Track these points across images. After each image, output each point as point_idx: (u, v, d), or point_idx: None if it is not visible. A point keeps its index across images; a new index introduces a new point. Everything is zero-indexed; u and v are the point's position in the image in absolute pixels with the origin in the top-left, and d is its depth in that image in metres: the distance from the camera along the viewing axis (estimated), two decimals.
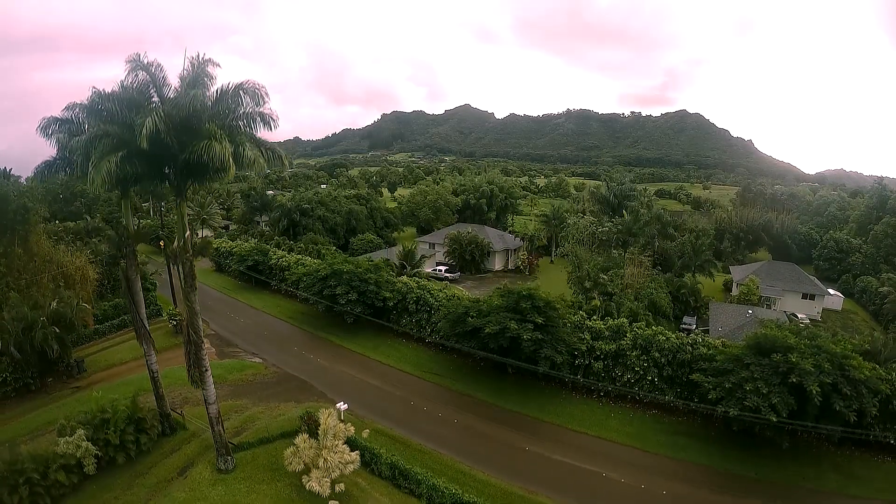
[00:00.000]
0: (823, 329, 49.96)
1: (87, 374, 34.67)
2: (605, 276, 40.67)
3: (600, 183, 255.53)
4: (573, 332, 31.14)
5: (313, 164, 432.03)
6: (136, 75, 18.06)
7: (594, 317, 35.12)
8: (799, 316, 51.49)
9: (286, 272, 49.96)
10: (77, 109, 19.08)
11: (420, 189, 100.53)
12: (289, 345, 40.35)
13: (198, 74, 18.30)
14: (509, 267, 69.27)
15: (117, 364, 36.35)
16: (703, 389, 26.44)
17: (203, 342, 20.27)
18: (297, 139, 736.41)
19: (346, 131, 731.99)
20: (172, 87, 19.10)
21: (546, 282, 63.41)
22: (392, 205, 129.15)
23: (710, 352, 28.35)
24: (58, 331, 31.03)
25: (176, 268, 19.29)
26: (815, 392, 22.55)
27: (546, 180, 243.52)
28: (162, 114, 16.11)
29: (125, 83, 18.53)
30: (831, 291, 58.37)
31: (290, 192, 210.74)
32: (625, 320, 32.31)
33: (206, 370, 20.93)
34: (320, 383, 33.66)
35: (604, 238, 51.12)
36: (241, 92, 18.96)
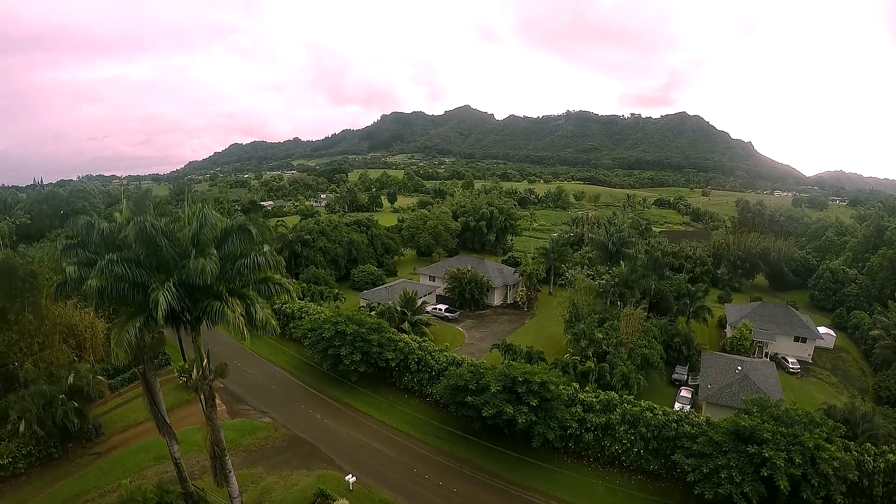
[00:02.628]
0: (817, 369, 52.21)
1: (105, 438, 36.53)
2: (600, 334, 42.38)
3: (600, 189, 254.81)
4: (566, 408, 32.89)
5: (313, 164, 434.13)
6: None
7: (588, 385, 36.94)
8: (789, 360, 53.28)
9: (291, 322, 51.54)
10: (85, 233, 20.18)
11: (420, 214, 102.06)
12: (296, 401, 42.12)
13: (201, 224, 19.42)
14: (508, 301, 70.57)
15: (133, 425, 38.17)
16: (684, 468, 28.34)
17: (226, 454, 22.03)
18: (296, 140, 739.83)
19: (346, 132, 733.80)
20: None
21: (544, 318, 65.10)
22: (392, 218, 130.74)
23: (694, 430, 30.13)
24: (76, 405, 32.82)
25: (199, 396, 20.78)
26: (784, 486, 24.45)
27: (546, 187, 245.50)
28: (173, 289, 17.30)
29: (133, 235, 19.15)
30: (822, 330, 59.71)
31: (289, 199, 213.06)
32: (615, 395, 34.13)
33: (230, 472, 22.77)
34: (328, 448, 35.48)
35: (601, 290, 52.83)
36: (243, 233, 20.33)
